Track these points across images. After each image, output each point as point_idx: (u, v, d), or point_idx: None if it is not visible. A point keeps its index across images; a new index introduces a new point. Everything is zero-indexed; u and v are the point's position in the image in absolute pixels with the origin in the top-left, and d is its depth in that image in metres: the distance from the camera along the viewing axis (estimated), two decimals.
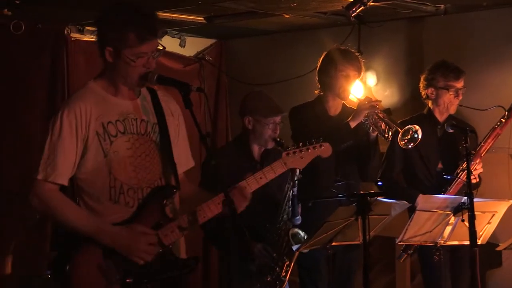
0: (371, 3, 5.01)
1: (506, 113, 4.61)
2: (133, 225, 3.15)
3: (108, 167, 3.14)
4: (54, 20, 5.94)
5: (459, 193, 4.60)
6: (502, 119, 4.62)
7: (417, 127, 4.37)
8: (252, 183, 3.39)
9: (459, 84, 4.78)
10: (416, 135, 4.37)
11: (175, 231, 3.18)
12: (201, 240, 6.28)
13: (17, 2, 5.14)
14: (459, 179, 4.61)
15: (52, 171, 3.10)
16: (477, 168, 4.64)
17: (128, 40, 3.08)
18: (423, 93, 4.88)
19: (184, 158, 3.41)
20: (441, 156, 4.82)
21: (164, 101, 3.35)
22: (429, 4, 5.60)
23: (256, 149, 4.37)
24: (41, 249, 5.62)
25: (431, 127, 4.83)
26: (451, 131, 4.62)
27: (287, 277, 4.26)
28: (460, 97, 4.79)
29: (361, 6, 5.01)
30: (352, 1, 5.05)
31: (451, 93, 4.77)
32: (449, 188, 4.65)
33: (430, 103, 4.87)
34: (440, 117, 4.85)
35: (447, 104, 4.80)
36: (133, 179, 3.18)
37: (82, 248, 3.11)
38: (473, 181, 4.46)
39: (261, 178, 3.41)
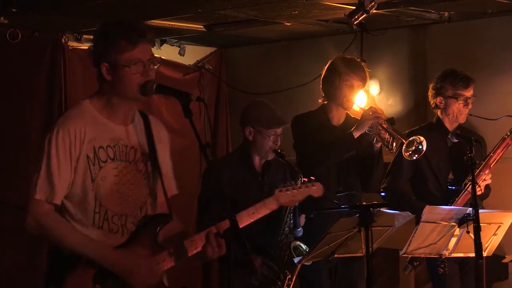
0: (374, 11, 4.97)
1: None
2: (135, 248, 3.14)
3: (94, 192, 3.14)
4: (51, 28, 5.93)
5: (467, 204, 4.53)
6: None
7: (422, 138, 4.31)
8: (245, 218, 3.41)
9: (468, 93, 4.73)
10: (420, 147, 4.32)
11: (166, 261, 3.18)
12: None
13: (14, 10, 5.11)
14: (466, 191, 4.54)
15: (51, 192, 3.08)
16: (486, 179, 4.58)
17: (120, 48, 3.09)
18: (431, 102, 4.83)
19: (168, 187, 3.39)
20: (451, 166, 4.75)
21: (155, 127, 3.35)
22: (433, 11, 5.58)
23: (257, 160, 4.35)
24: (38, 264, 5.56)
25: (441, 136, 4.78)
26: (456, 140, 4.58)
27: None
28: (470, 106, 4.75)
29: (363, 14, 4.97)
30: (354, 9, 5.01)
31: (460, 102, 4.72)
32: (457, 200, 4.59)
33: (439, 112, 4.82)
34: (450, 126, 4.80)
35: (456, 113, 4.75)
36: (117, 206, 3.18)
37: (73, 270, 3.09)
38: (478, 192, 4.40)
39: (253, 213, 3.45)
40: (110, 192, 3.15)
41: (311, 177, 3.76)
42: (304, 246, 4.21)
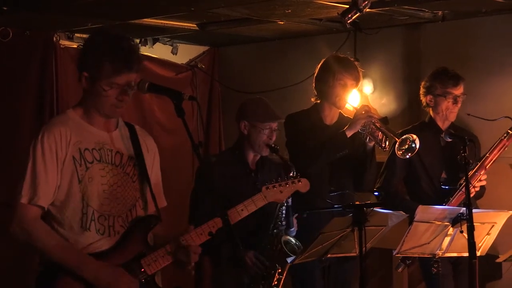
0: (367, 10, 4.95)
1: None
2: (116, 267, 3.14)
3: (81, 193, 3.14)
4: (43, 27, 5.90)
5: (461, 204, 4.52)
6: (509, 130, 4.54)
7: (414, 136, 4.30)
8: (234, 215, 3.46)
9: (458, 91, 4.73)
10: (413, 145, 4.30)
11: (158, 261, 3.20)
12: None
13: (5, 8, 5.07)
14: (461, 190, 4.53)
15: (35, 194, 3.08)
16: (482, 179, 4.57)
17: (103, 69, 3.11)
18: (423, 100, 4.85)
19: (158, 197, 3.40)
20: (445, 166, 4.74)
21: (141, 136, 3.38)
22: (427, 10, 5.56)
23: (251, 157, 4.34)
24: (28, 264, 5.51)
25: (433, 135, 4.77)
26: (449, 140, 4.57)
27: (280, 286, 4.20)
28: (459, 105, 4.74)
29: (357, 13, 4.95)
30: (348, 8, 4.99)
31: (449, 100, 4.72)
32: (451, 199, 4.59)
33: (431, 111, 4.82)
34: (442, 125, 4.80)
35: (445, 112, 4.74)
36: (105, 206, 3.18)
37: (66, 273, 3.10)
38: (473, 192, 4.39)
39: (242, 210, 3.52)
40: (97, 193, 3.15)
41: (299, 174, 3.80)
42: (294, 240, 4.20)
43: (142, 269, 3.17)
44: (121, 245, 3.18)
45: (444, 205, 4.53)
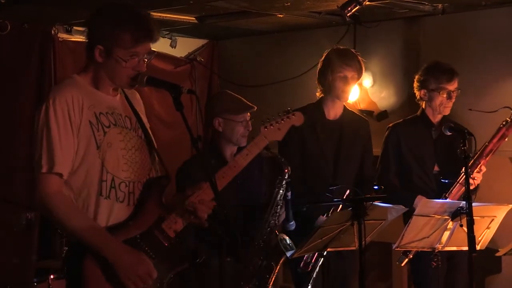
0: (367, 3, 4.95)
1: None
2: (138, 253, 3.07)
3: (101, 159, 3.03)
4: (41, 20, 5.88)
5: (460, 198, 4.53)
6: (508, 119, 4.53)
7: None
8: (240, 160, 3.51)
9: (452, 86, 4.72)
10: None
11: (178, 222, 3.14)
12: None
13: (3, 1, 5.05)
14: (459, 184, 4.52)
15: (56, 161, 2.94)
16: (482, 169, 4.56)
17: (122, 40, 3.01)
18: (416, 94, 4.85)
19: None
20: (437, 159, 4.73)
21: (131, 97, 3.28)
22: (427, 3, 5.55)
23: (228, 151, 4.24)
24: (27, 257, 5.52)
25: (425, 129, 4.77)
26: (449, 133, 4.55)
27: (271, 282, 4.17)
28: (453, 99, 4.74)
29: (356, 6, 4.94)
30: (347, 1, 4.99)
31: (443, 95, 4.71)
32: (451, 189, 4.59)
33: (424, 104, 4.82)
34: (434, 118, 4.80)
35: (439, 106, 4.74)
36: (125, 172, 3.08)
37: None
38: (474, 185, 4.40)
39: (247, 154, 3.55)
40: (116, 158, 3.06)
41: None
42: (288, 240, 4.17)
43: (165, 234, 3.11)
44: (140, 212, 3.09)
45: (444, 199, 4.53)
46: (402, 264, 4.73)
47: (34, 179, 2.98)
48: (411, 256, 4.64)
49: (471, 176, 4.45)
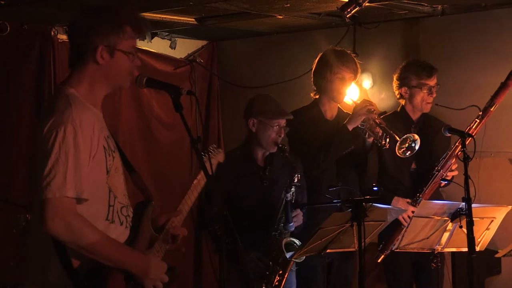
0: (367, 4, 4.93)
1: (480, 113, 4.58)
2: (150, 255, 3.09)
3: (109, 185, 2.97)
4: (40, 21, 5.87)
5: (434, 195, 4.62)
6: (476, 120, 4.58)
7: (416, 136, 4.31)
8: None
9: (432, 82, 4.81)
10: (413, 145, 4.31)
11: (163, 246, 3.18)
12: (193, 235, 6.27)
13: (2, 2, 5.04)
14: (434, 181, 4.61)
15: (81, 187, 2.82)
16: (453, 168, 4.66)
17: (126, 32, 2.98)
18: (396, 92, 4.92)
19: None
20: (415, 156, 4.71)
21: None
22: (426, 4, 5.54)
23: (260, 154, 4.32)
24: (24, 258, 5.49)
25: (405, 126, 4.80)
26: (449, 135, 4.56)
27: (281, 287, 4.17)
28: (434, 95, 4.83)
29: (356, 7, 4.93)
30: (347, 2, 4.97)
31: (424, 91, 4.78)
32: (425, 189, 4.64)
33: (403, 102, 4.89)
34: (414, 115, 4.86)
35: (421, 103, 4.79)
36: (124, 196, 3.08)
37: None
38: (442, 184, 4.58)
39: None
40: (119, 183, 3.02)
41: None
42: (298, 242, 4.19)
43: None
44: (136, 235, 3.07)
45: (419, 196, 4.58)
46: (378, 261, 4.74)
47: (49, 202, 2.77)
48: (387, 253, 4.66)
49: (446, 177, 4.52)
